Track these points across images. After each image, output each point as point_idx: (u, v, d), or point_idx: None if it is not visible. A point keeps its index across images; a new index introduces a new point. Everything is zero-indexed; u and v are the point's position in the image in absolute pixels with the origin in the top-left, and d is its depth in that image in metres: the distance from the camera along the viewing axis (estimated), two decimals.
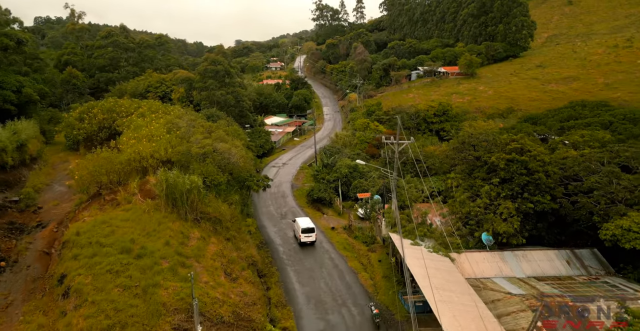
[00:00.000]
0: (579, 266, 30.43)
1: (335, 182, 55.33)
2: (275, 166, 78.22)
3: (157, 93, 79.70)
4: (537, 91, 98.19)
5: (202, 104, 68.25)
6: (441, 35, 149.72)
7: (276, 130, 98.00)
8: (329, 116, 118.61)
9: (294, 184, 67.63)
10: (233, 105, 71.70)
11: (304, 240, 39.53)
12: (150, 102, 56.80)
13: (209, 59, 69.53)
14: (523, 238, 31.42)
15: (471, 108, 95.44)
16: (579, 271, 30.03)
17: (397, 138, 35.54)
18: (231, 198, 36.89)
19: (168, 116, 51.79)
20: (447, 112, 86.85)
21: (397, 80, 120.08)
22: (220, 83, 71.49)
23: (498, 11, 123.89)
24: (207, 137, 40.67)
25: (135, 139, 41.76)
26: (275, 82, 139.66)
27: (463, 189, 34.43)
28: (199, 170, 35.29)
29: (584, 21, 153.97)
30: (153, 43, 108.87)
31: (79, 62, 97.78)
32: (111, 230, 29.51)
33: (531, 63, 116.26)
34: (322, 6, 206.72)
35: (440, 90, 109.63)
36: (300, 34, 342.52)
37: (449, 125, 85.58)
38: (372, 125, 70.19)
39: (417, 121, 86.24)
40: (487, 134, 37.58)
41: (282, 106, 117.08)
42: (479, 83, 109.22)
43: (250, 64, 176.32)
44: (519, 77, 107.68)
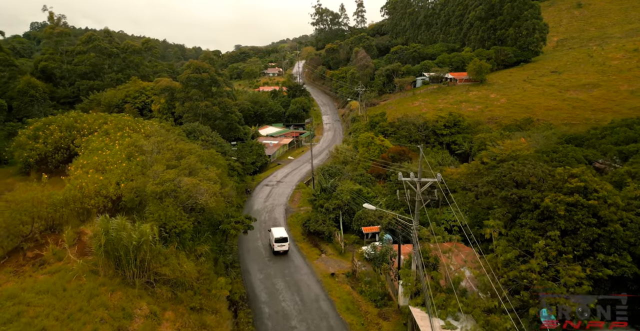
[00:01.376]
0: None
1: (335, 211, 46.33)
2: (269, 185, 69.28)
3: (136, 105, 70.84)
4: (554, 99, 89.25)
5: (185, 117, 59.56)
6: (446, 39, 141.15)
7: (271, 142, 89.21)
8: (328, 125, 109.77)
9: (288, 208, 58.62)
10: (220, 117, 62.87)
11: (277, 249, 40.98)
12: (117, 116, 47.81)
13: (192, 66, 60.84)
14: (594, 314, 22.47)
15: (483, 118, 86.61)
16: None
17: (420, 175, 26.45)
18: (200, 249, 28.04)
19: (137, 135, 42.93)
20: (458, 123, 77.97)
21: (402, 87, 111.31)
22: (205, 94, 62.74)
23: (508, 14, 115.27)
24: (174, 165, 31.77)
25: (83, 168, 32.87)
26: (272, 89, 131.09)
27: (507, 241, 25.35)
28: (157, 214, 26.36)
29: (595, 24, 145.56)
30: (139, 48, 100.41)
31: (58, 69, 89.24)
32: (17, 311, 20.34)
33: (545, 68, 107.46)
34: (321, 10, 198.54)
35: (448, 97, 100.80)
36: (300, 39, 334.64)
37: (460, 137, 76.74)
38: (376, 140, 61.31)
39: (425, 133, 77.37)
40: (532, 164, 28.59)
41: (279, 115, 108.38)
42: (490, 90, 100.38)
43: (246, 70, 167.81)
44: (533, 84, 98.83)
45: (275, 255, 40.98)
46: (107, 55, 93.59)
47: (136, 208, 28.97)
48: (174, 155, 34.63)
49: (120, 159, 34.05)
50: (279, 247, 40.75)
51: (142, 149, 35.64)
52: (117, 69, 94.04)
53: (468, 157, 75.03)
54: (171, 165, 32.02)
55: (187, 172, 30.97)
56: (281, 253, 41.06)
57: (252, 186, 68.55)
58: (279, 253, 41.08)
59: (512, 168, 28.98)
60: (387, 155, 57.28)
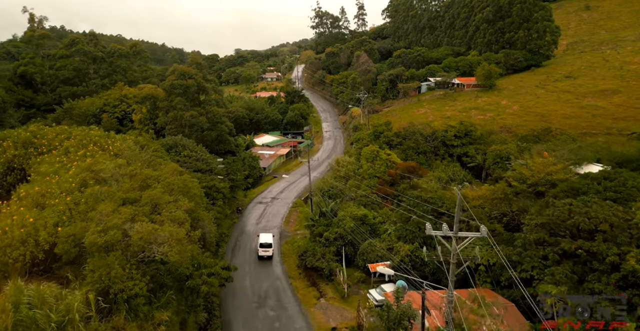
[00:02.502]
0: None
1: (337, 242, 39.23)
2: (263, 202, 62.19)
3: (115, 114, 63.77)
4: (571, 106, 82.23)
5: (167, 129, 52.60)
6: (451, 43, 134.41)
7: (267, 152, 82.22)
8: (328, 133, 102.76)
9: (283, 231, 51.46)
10: (208, 128, 55.85)
11: (262, 254, 42.00)
12: (84, 130, 40.73)
13: (176, 72, 53.91)
14: None
15: (495, 126, 79.61)
16: None
17: (456, 228, 19.20)
18: (160, 316, 21.01)
19: (103, 154, 35.96)
20: (470, 133, 71.00)
21: (406, 93, 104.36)
22: (192, 102, 55.80)
23: (517, 16, 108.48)
24: (133, 199, 24.73)
25: (20, 200, 25.84)
26: (270, 94, 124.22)
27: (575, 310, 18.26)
28: (97, 273, 19.31)
29: (605, 27, 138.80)
30: (127, 52, 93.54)
31: (38, 74, 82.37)
32: None
33: (558, 73, 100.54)
34: (321, 13, 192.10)
35: (456, 104, 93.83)
36: (300, 43, 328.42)
37: (473, 149, 69.75)
38: (382, 154, 54.23)
39: (434, 144, 70.41)
40: (599, 204, 21.50)
41: (276, 123, 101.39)
42: (501, 96, 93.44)
43: (244, 74, 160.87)
44: (547, 90, 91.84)
45: (260, 305, 33.73)
46: (92, 60, 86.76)
47: (78, 261, 21.91)
48: (137, 183, 27.57)
49: (68, 189, 26.98)
50: (263, 252, 42.15)
51: (99, 175, 28.57)
52: (103, 74, 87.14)
53: (482, 171, 68.14)
54: (130, 199, 24.96)
55: (148, 209, 23.92)
56: (265, 258, 42.12)
57: (244, 204, 61.49)
58: (262, 258, 42.22)
59: (573, 210, 21.91)
60: (395, 172, 50.22)
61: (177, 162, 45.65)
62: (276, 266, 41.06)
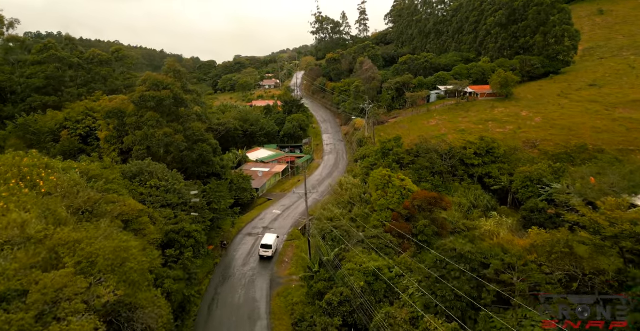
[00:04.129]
0: None
1: (343, 308, 29.26)
2: (253, 234, 52.24)
3: (78, 131, 53.89)
4: (601, 118, 72.49)
5: (136, 150, 42.87)
6: (459, 49, 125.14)
7: (261, 169, 72.46)
8: (330, 147, 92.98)
9: (275, 277, 41.41)
10: (187, 148, 46.09)
11: (262, 254, 44.01)
12: (13, 157, 30.85)
13: (148, 81, 44.10)
14: None
15: (518, 142, 69.84)
16: None
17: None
18: None
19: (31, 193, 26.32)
20: (492, 150, 61.21)
21: (414, 103, 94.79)
22: (168, 117, 46.10)
23: (533, 19, 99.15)
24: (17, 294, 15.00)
25: None
26: (267, 103, 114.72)
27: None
28: None
29: (622, 32, 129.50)
30: (108, 58, 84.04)
31: (7, 82, 72.89)
32: None
33: (580, 81, 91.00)
34: (322, 18, 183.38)
35: (470, 115, 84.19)
36: (300, 49, 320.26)
37: (496, 168, 59.90)
38: (395, 180, 44.30)
39: (451, 163, 60.61)
40: None
41: (272, 135, 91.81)
42: (520, 106, 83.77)
43: (240, 82, 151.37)
44: (571, 100, 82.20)
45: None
46: (68, 66, 77.27)
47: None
48: (39, 257, 17.75)
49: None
50: (263, 252, 44.08)
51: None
52: (80, 83, 77.63)
53: (507, 194, 58.35)
54: (10, 293, 15.11)
55: (33, 316, 14.08)
56: (265, 258, 44.06)
57: (230, 236, 51.57)
58: (263, 258, 44.11)
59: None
60: (412, 204, 40.38)
61: (141, 195, 35.83)
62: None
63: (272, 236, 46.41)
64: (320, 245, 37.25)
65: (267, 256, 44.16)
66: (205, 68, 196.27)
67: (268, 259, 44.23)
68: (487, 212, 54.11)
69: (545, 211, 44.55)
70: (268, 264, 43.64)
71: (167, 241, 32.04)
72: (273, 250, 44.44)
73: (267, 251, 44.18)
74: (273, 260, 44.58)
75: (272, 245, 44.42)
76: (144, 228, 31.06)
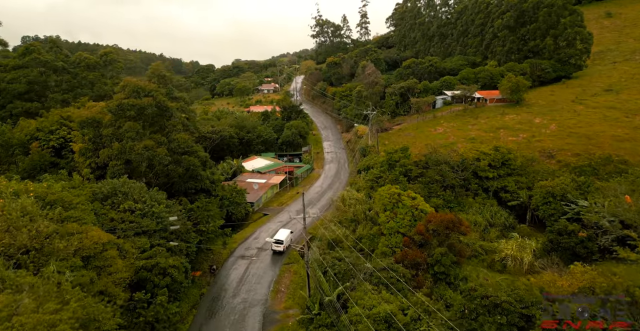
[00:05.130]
0: None
1: None
2: (246, 256, 46.89)
3: (50, 142, 48.34)
4: (621, 126, 67.28)
5: (112, 166, 37.48)
6: (464, 52, 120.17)
7: (257, 181, 67.18)
8: (330, 155, 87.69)
9: (268, 312, 35.95)
10: (172, 162, 40.82)
11: (274, 248, 46.18)
12: None
13: (127, 88, 38.79)
14: None
15: (533, 151, 64.61)
16: None
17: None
18: None
19: None
20: (508, 162, 55.86)
21: (419, 108, 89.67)
22: (151, 127, 40.88)
23: (544, 22, 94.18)
24: None
25: None
26: (265, 109, 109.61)
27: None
28: None
29: (632, 35, 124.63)
30: (96, 62, 78.88)
31: None
32: None
33: (595, 86, 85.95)
34: (322, 22, 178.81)
35: (480, 122, 78.99)
36: (300, 53, 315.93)
37: (512, 182, 54.48)
38: (406, 199, 38.93)
39: (463, 175, 55.27)
40: None
41: (270, 142, 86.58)
42: (532, 113, 78.58)
43: (238, 86, 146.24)
44: (586, 106, 77.04)
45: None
46: (53, 71, 72.16)
47: None
48: None
49: None
50: (275, 247, 46.00)
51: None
52: (66, 88, 72.49)
53: (525, 211, 53.03)
54: None
55: None
56: (277, 252, 46.08)
57: (221, 258, 46.18)
58: (275, 252, 46.15)
59: None
60: (426, 228, 35.06)
61: (112, 222, 30.48)
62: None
63: (285, 231, 48.63)
64: (320, 281, 31.81)
65: (278, 250, 46.24)
66: (203, 72, 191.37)
67: (279, 253, 46.21)
68: (505, 230, 48.77)
69: (575, 234, 39.17)
70: (262, 292, 38.19)
71: (137, 280, 26.67)
72: (285, 246, 46.38)
73: (278, 246, 46.20)
74: (267, 291, 39.15)
75: (284, 240, 46.50)
76: (110, 265, 25.72)
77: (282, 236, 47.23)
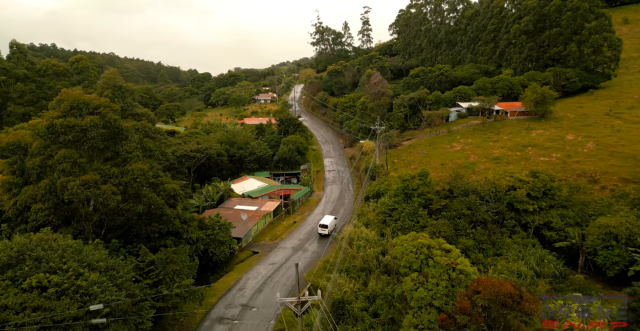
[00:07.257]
0: None
1: None
2: (225, 319, 36.02)
3: None
4: None
5: (34, 211, 26.74)
6: (475, 60, 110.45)
7: (247, 208, 56.60)
8: (332, 174, 77.08)
9: None
10: (129, 199, 30.34)
11: (320, 231, 50.47)
12: None
13: (65, 102, 28.52)
14: None
15: (571, 174, 54.30)
16: None
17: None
18: None
19: None
20: (551, 191, 45.28)
21: (431, 122, 79.41)
22: (100, 155, 30.53)
23: (567, 26, 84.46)
24: None
25: None
26: (260, 121, 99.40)
27: None
28: None
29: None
30: (65, 69, 68.73)
31: None
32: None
33: (629, 98, 75.80)
34: (322, 29, 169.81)
35: (503, 139, 68.60)
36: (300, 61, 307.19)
37: (557, 216, 43.74)
38: (439, 256, 28.26)
39: (497, 207, 44.57)
40: None
41: (264, 160, 76.10)
42: (562, 128, 68.27)
43: (233, 96, 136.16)
44: (624, 120, 66.76)
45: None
46: (15, 80, 62.00)
47: None
48: None
49: None
50: (321, 230, 50.41)
51: None
52: (29, 99, 62.32)
53: (577, 255, 42.41)
54: None
55: None
56: (322, 235, 50.34)
57: (193, 323, 35.34)
58: (321, 235, 50.47)
59: None
60: (472, 303, 24.38)
61: (4, 311, 19.76)
62: None
63: (330, 217, 52.44)
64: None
65: (323, 234, 50.04)
66: (198, 80, 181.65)
67: (325, 237, 49.61)
68: (555, 282, 38.03)
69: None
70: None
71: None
72: (330, 229, 50.04)
73: (324, 230, 49.97)
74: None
75: (329, 225, 50.26)
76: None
77: (327, 221, 51.10)
